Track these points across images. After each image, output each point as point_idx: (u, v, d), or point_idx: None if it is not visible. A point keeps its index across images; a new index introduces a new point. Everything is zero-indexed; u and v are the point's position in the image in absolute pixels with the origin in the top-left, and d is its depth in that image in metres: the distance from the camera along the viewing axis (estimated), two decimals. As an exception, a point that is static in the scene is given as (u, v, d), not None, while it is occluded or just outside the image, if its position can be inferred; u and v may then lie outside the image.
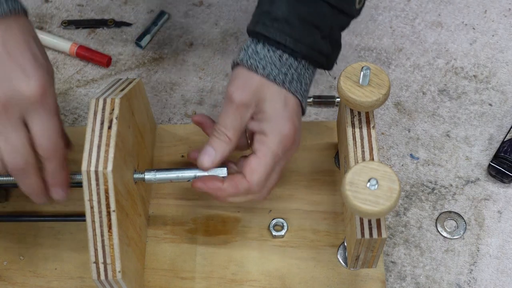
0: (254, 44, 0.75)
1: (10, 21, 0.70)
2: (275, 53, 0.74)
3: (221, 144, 0.74)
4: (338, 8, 0.74)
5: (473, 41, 1.02)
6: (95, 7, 1.08)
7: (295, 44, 0.73)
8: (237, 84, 0.74)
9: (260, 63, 0.73)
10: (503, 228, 0.86)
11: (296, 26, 0.73)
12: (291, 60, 0.74)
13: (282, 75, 0.73)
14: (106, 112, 0.73)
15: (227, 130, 0.74)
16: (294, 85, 0.74)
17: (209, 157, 0.74)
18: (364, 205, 0.63)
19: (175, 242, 0.85)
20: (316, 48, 0.74)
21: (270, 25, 0.73)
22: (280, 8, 0.74)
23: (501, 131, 0.94)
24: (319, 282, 0.81)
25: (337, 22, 0.76)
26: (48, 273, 0.84)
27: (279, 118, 0.73)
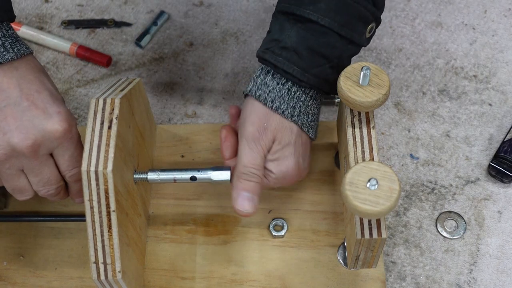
0: (263, 74, 0.76)
1: (19, 64, 0.71)
2: (284, 86, 0.75)
3: (256, 185, 0.74)
4: (348, 39, 0.74)
5: (473, 41, 1.02)
6: (95, 7, 1.08)
7: (302, 74, 0.74)
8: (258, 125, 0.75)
9: (269, 96, 0.75)
10: (503, 228, 0.86)
11: (304, 56, 0.74)
12: (299, 93, 0.75)
13: (290, 109, 0.75)
14: (106, 112, 0.73)
15: (257, 170, 0.74)
16: (302, 118, 0.76)
17: (250, 202, 0.74)
18: (364, 205, 0.63)
19: (175, 242, 0.85)
20: (323, 77, 0.75)
21: (279, 53, 0.74)
22: (289, 37, 0.74)
23: (501, 131, 0.94)
24: (319, 282, 0.81)
25: (347, 52, 0.76)
26: (48, 273, 0.84)
27: (286, 163, 0.75)
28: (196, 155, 0.91)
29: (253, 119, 0.75)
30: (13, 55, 0.70)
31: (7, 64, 0.70)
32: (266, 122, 0.75)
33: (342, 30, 0.73)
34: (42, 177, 0.73)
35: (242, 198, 0.74)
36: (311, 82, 0.75)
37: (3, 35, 0.71)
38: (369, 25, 0.75)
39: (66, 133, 0.71)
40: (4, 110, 0.69)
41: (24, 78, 0.71)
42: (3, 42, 0.70)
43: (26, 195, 0.75)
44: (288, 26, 0.75)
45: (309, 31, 0.74)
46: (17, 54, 0.71)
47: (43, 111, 0.71)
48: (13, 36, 0.72)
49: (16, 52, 0.71)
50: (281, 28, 0.75)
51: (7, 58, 0.70)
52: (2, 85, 0.70)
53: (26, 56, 0.72)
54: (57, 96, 0.73)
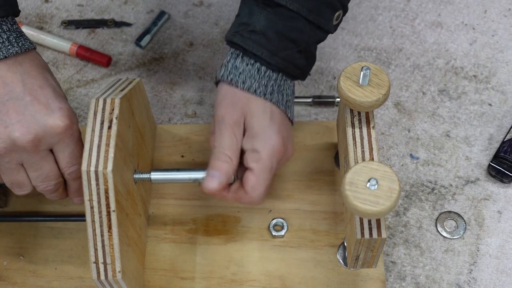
0: (233, 59, 0.76)
1: (24, 59, 0.72)
2: (254, 66, 0.75)
3: (223, 165, 0.74)
4: (315, 24, 0.76)
5: (473, 41, 1.02)
6: (95, 7, 1.08)
7: (271, 57, 0.75)
8: (225, 105, 0.75)
9: (240, 77, 0.75)
10: (503, 228, 0.86)
11: (273, 40, 0.75)
12: (269, 72, 0.76)
13: (262, 87, 0.75)
14: (106, 112, 0.73)
15: (226, 150, 0.74)
16: (276, 97, 0.76)
17: (214, 179, 0.74)
18: (364, 205, 0.63)
19: (175, 242, 0.85)
20: (291, 61, 0.76)
21: (247, 37, 0.75)
22: (259, 21, 0.75)
23: (501, 131, 0.94)
24: (319, 282, 0.81)
25: (314, 37, 0.77)
26: (48, 273, 0.84)
27: (266, 132, 0.75)
28: (196, 155, 0.91)
29: (224, 103, 0.76)
30: (17, 49, 0.71)
31: (11, 58, 0.70)
32: (235, 102, 0.75)
33: (310, 16, 0.75)
34: (41, 172, 0.73)
35: (208, 176, 0.75)
36: (280, 65, 0.76)
37: (8, 29, 0.71)
38: (337, 12, 0.77)
39: (67, 129, 0.72)
40: (6, 104, 0.70)
41: (27, 74, 0.71)
42: (8, 36, 0.70)
43: (25, 189, 0.75)
44: (257, 10, 0.76)
45: (277, 16, 0.75)
46: (21, 49, 0.71)
47: (45, 107, 0.71)
48: (18, 31, 0.72)
49: (20, 46, 0.71)
50: (250, 12, 0.76)
51: (11, 52, 0.70)
52: (5, 79, 0.70)
53: (30, 52, 0.73)
54: (59, 93, 0.73)
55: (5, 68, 0.70)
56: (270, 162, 0.75)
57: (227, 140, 0.75)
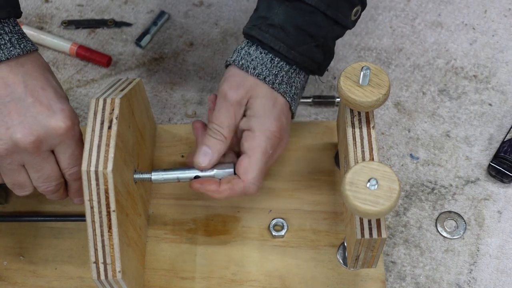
0: (248, 46, 0.77)
1: (25, 60, 0.72)
2: (267, 55, 0.76)
3: (217, 142, 0.75)
4: (333, 19, 0.76)
5: (473, 41, 1.02)
6: (95, 7, 1.08)
7: (288, 51, 0.75)
8: (231, 83, 0.75)
9: (251, 64, 0.75)
10: (503, 228, 0.86)
11: (291, 34, 0.75)
12: (282, 63, 0.76)
13: (272, 76, 0.75)
14: (106, 112, 0.73)
15: (222, 128, 0.75)
16: (284, 87, 0.76)
17: (205, 157, 0.75)
18: (364, 205, 0.63)
19: (175, 242, 0.85)
20: (308, 55, 0.76)
21: (265, 30, 0.75)
22: (277, 15, 0.76)
23: (501, 131, 0.94)
24: (319, 282, 0.81)
25: (332, 32, 0.77)
26: (48, 273, 0.84)
27: (266, 116, 0.75)
28: (196, 155, 0.91)
29: (230, 81, 0.76)
30: (19, 51, 0.71)
31: (13, 60, 0.71)
32: (242, 83, 0.75)
33: (328, 10, 0.75)
34: (42, 173, 0.73)
35: (200, 151, 0.75)
36: (297, 60, 0.76)
37: (10, 31, 0.71)
38: (355, 8, 0.77)
39: (68, 131, 0.72)
40: (8, 105, 0.70)
41: (29, 75, 0.71)
42: (10, 37, 0.71)
43: (26, 190, 0.75)
44: (275, 4, 0.76)
45: (296, 10, 0.75)
46: (23, 50, 0.71)
47: (47, 108, 0.71)
48: (20, 33, 0.72)
49: (22, 48, 0.71)
50: (268, 6, 0.77)
51: (13, 54, 0.70)
52: (7, 81, 0.70)
53: (32, 53, 0.73)
54: (61, 94, 0.74)
55: (7, 70, 0.70)
56: (264, 143, 0.75)
57: (225, 118, 0.75)
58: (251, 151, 0.75)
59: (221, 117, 0.75)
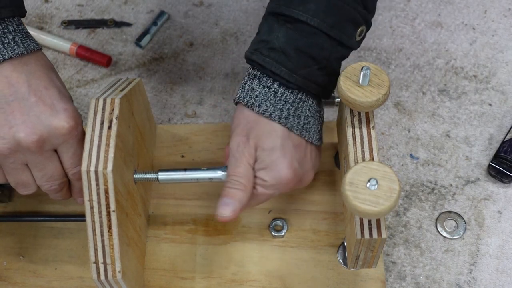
0: (250, 80, 0.75)
1: (29, 59, 0.72)
2: (270, 89, 0.74)
3: (238, 192, 0.74)
4: (337, 40, 0.74)
5: (473, 41, 1.02)
6: (95, 7, 1.08)
7: (290, 75, 0.74)
8: (240, 134, 0.75)
9: (256, 101, 0.74)
10: (503, 228, 0.86)
11: (292, 57, 0.73)
12: (286, 95, 0.75)
13: (278, 111, 0.74)
14: (106, 112, 0.73)
15: (241, 178, 0.74)
16: (291, 121, 0.75)
17: (227, 207, 0.74)
18: (364, 205, 0.63)
19: (175, 242, 0.85)
20: (311, 79, 0.75)
21: (266, 54, 0.74)
22: (278, 38, 0.74)
23: (501, 131, 0.94)
24: (319, 282, 0.81)
25: (336, 54, 0.75)
26: (48, 273, 0.84)
27: (277, 167, 0.74)
28: (196, 155, 0.91)
29: (238, 131, 0.75)
30: (23, 50, 0.71)
31: (17, 59, 0.71)
32: (249, 131, 0.74)
33: (331, 31, 0.73)
34: (45, 172, 0.74)
35: (222, 203, 0.74)
36: (299, 84, 0.74)
37: (14, 29, 0.71)
38: (359, 28, 0.75)
39: (71, 130, 0.72)
40: (11, 104, 0.70)
41: (33, 74, 0.71)
42: (14, 36, 0.71)
43: (29, 189, 0.76)
44: (276, 27, 0.74)
45: (297, 32, 0.73)
46: (27, 49, 0.71)
47: (50, 107, 0.71)
48: (24, 32, 0.72)
49: (26, 47, 0.71)
50: (269, 29, 0.75)
51: (17, 53, 0.70)
52: (11, 80, 0.70)
53: (36, 53, 0.73)
54: (64, 93, 0.74)
55: (10, 69, 0.70)
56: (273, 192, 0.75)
57: (241, 169, 0.74)
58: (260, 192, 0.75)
59: (238, 168, 0.74)
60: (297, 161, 0.75)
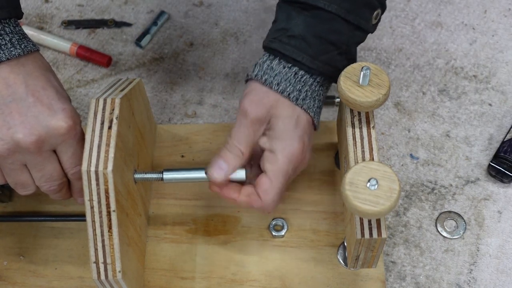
0: (269, 60, 0.75)
1: (26, 60, 0.72)
2: (291, 69, 0.74)
3: (234, 158, 0.74)
4: (355, 25, 0.75)
5: (473, 41, 1.02)
6: (95, 7, 1.08)
7: (312, 62, 0.74)
8: (252, 99, 0.74)
9: (275, 79, 0.74)
10: (503, 228, 0.86)
11: (313, 44, 0.74)
12: (306, 77, 0.75)
13: (296, 91, 0.74)
14: (106, 112, 0.73)
15: (240, 144, 0.74)
16: (307, 102, 0.75)
17: (221, 171, 0.74)
18: (364, 205, 0.63)
19: (175, 242, 0.85)
20: (332, 64, 0.75)
21: (287, 42, 0.74)
22: (297, 25, 0.74)
23: (501, 131, 0.94)
24: (319, 282, 0.81)
25: (354, 39, 0.76)
26: (48, 273, 0.84)
27: (289, 137, 0.74)
28: (196, 155, 0.91)
29: (252, 97, 0.74)
30: (20, 51, 0.71)
31: (14, 60, 0.71)
32: (264, 100, 0.74)
33: (349, 16, 0.74)
34: (44, 172, 0.74)
35: (215, 165, 0.74)
36: (321, 69, 0.75)
37: (10, 31, 0.71)
38: (375, 11, 0.76)
39: (70, 130, 0.72)
40: (9, 105, 0.70)
41: (30, 75, 0.71)
42: (11, 38, 0.71)
43: (29, 189, 0.76)
44: (294, 14, 0.75)
45: (316, 19, 0.74)
46: (24, 51, 0.71)
47: (48, 108, 0.71)
48: (20, 33, 0.72)
49: (23, 48, 0.71)
50: (287, 17, 0.75)
51: (14, 54, 0.70)
52: (8, 81, 0.70)
53: (33, 53, 0.73)
54: (62, 94, 0.74)
55: (7, 70, 0.70)
56: (286, 166, 0.74)
57: (243, 134, 0.74)
58: (272, 174, 0.74)
59: (240, 133, 0.74)
60: (307, 137, 0.76)
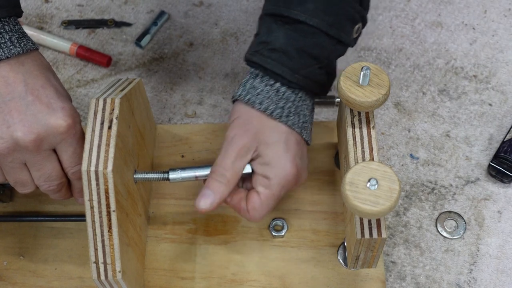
0: (252, 78, 0.75)
1: (26, 59, 0.72)
2: (272, 87, 0.74)
3: (220, 186, 0.74)
4: (336, 39, 0.75)
5: (473, 41, 1.02)
6: (95, 7, 1.08)
7: (292, 75, 0.74)
8: (238, 126, 0.74)
9: (257, 98, 0.74)
10: (503, 228, 0.86)
11: (293, 57, 0.74)
12: (288, 93, 0.75)
13: (279, 109, 0.74)
14: (106, 112, 0.73)
15: (226, 171, 0.74)
16: (292, 119, 0.75)
17: (207, 199, 0.74)
18: (364, 205, 0.63)
19: (175, 242, 0.85)
20: (312, 78, 0.75)
21: (267, 55, 0.74)
22: (278, 38, 0.74)
23: (501, 131, 0.94)
24: (319, 282, 0.81)
25: (335, 52, 0.76)
26: (48, 273, 0.84)
27: (281, 163, 0.74)
28: (196, 155, 0.91)
29: (237, 123, 0.75)
30: (19, 49, 0.71)
31: (13, 58, 0.71)
32: (250, 125, 0.74)
33: (331, 30, 0.74)
34: (44, 172, 0.74)
35: (202, 195, 0.74)
36: (301, 83, 0.74)
37: (10, 30, 0.71)
38: (356, 25, 0.76)
39: (69, 129, 0.72)
40: (8, 103, 0.70)
41: (29, 73, 0.71)
42: (10, 36, 0.71)
43: (28, 188, 0.76)
44: (275, 27, 0.75)
45: (297, 32, 0.74)
46: (23, 49, 0.71)
47: (47, 106, 0.71)
48: (20, 32, 0.72)
49: (22, 47, 0.71)
50: (269, 30, 0.75)
51: (13, 53, 0.70)
52: (8, 79, 0.70)
53: (32, 52, 0.73)
54: (62, 92, 0.74)
55: (7, 68, 0.70)
56: (279, 191, 0.74)
57: (229, 161, 0.73)
58: (264, 196, 0.74)
59: (225, 160, 0.74)
60: (299, 158, 0.75)
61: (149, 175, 0.78)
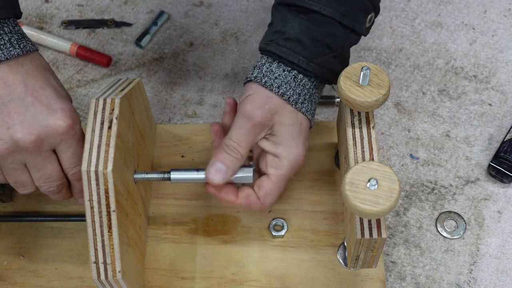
0: (268, 63, 0.76)
1: (25, 60, 0.72)
2: (290, 73, 0.75)
3: (233, 160, 0.74)
4: (349, 28, 0.76)
5: (473, 41, 1.02)
6: (95, 7, 1.08)
7: (308, 64, 0.75)
8: (255, 102, 0.75)
9: (275, 82, 0.75)
10: (503, 228, 0.86)
11: (308, 46, 0.75)
12: (305, 81, 0.76)
13: (296, 95, 0.75)
14: (106, 112, 0.73)
15: (240, 147, 0.74)
16: (306, 106, 0.76)
17: (219, 173, 0.74)
18: (364, 205, 0.63)
19: (175, 242, 0.85)
20: (327, 67, 0.76)
21: (283, 45, 0.75)
22: (293, 28, 0.75)
23: (501, 131, 0.94)
24: (319, 282, 0.81)
25: (348, 42, 0.77)
26: (48, 273, 0.84)
27: (294, 144, 0.75)
28: (196, 155, 0.91)
29: (254, 99, 0.75)
30: (19, 51, 0.71)
31: (13, 60, 0.71)
32: (268, 104, 0.75)
33: (344, 20, 0.75)
34: (44, 173, 0.74)
35: (215, 168, 0.74)
36: (316, 72, 0.76)
37: (9, 31, 0.71)
38: (369, 15, 0.77)
39: (69, 130, 0.72)
40: (8, 105, 0.70)
41: (29, 75, 0.71)
42: (10, 38, 0.71)
43: (28, 189, 0.76)
44: (290, 17, 0.76)
45: (312, 22, 0.75)
46: (23, 50, 0.71)
47: (47, 107, 0.71)
48: (19, 33, 0.72)
49: (22, 48, 0.71)
50: (283, 19, 0.76)
51: (13, 54, 0.70)
52: (7, 81, 0.70)
53: (32, 53, 0.73)
54: (61, 93, 0.74)
55: (6, 70, 0.70)
56: (289, 171, 0.76)
57: (245, 137, 0.74)
58: (276, 178, 0.75)
59: (241, 136, 0.74)
60: (307, 142, 0.77)
61: (149, 175, 0.78)
